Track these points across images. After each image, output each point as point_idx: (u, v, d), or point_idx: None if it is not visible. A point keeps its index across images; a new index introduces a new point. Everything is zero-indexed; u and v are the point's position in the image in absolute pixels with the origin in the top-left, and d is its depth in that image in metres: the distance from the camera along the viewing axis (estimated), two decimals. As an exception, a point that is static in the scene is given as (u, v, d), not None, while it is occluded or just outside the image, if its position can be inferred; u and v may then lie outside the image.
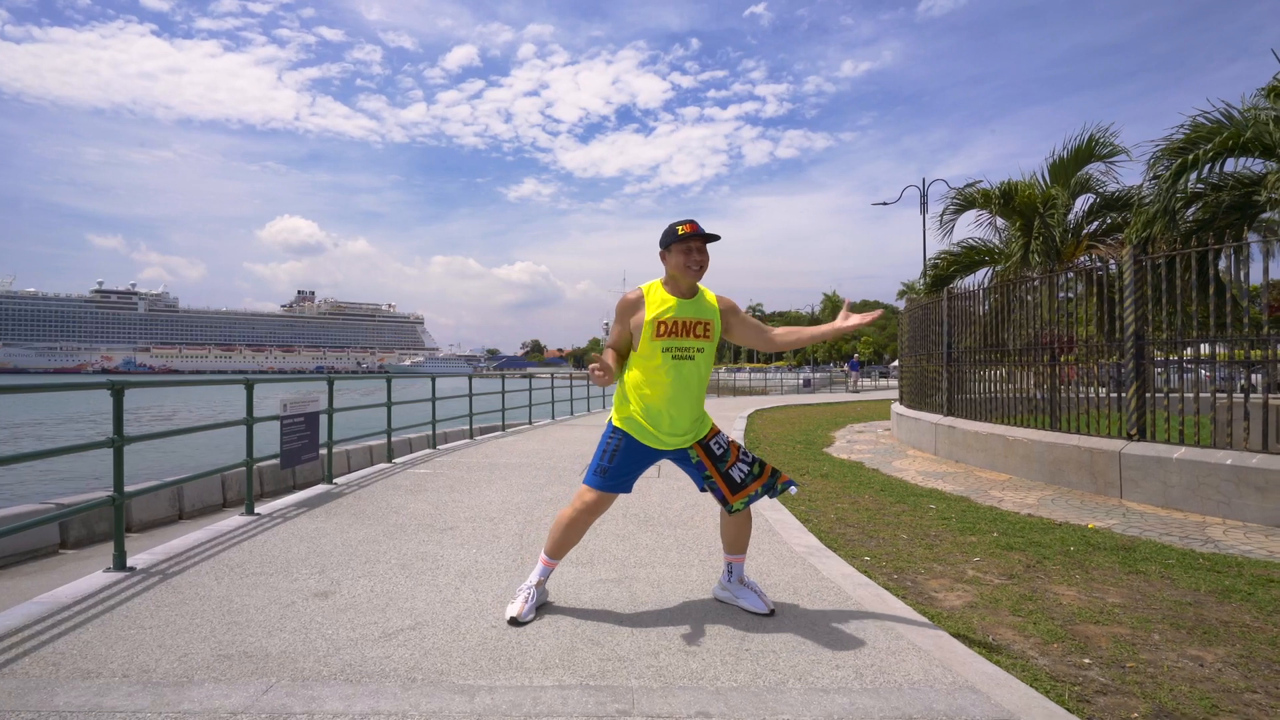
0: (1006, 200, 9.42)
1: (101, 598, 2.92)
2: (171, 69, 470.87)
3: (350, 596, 2.96)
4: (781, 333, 2.84)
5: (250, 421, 4.45)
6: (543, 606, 2.82)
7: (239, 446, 4.75)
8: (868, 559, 3.81)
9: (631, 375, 2.70)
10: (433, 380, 8.23)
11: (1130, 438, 5.67)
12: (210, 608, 2.82)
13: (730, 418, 13.68)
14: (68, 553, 6.52)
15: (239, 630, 2.59)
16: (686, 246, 2.63)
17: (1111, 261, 6.09)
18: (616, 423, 2.73)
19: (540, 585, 2.78)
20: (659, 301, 2.66)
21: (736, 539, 2.81)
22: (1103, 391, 6.32)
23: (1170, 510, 5.04)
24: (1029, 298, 7.10)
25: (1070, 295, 6.91)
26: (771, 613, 2.74)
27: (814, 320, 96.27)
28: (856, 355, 34.42)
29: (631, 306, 2.69)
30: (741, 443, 9.34)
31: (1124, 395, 5.84)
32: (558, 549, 2.77)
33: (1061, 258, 8.95)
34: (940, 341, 8.72)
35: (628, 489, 2.72)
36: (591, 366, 2.54)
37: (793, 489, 2.78)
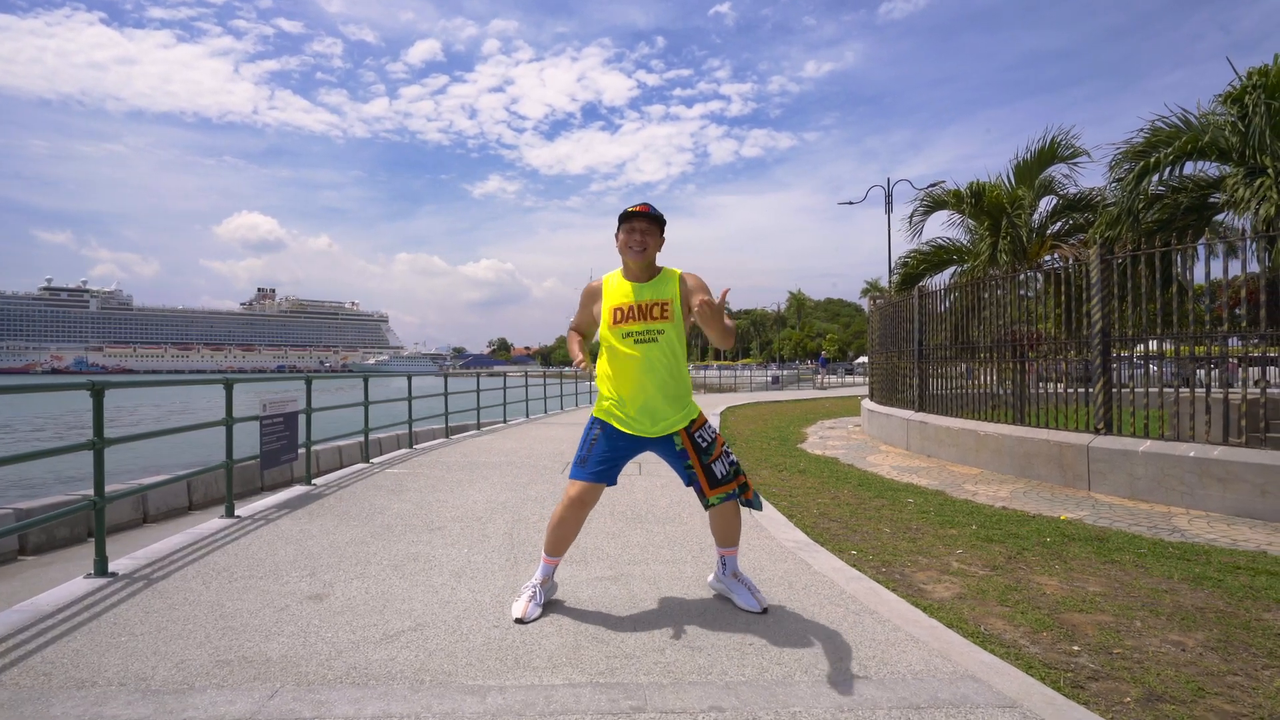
0: (977, 200, 9.69)
1: (86, 604, 2.82)
2: (122, 59, 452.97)
3: (345, 599, 2.91)
4: None
5: (230, 422, 4.32)
6: (549, 604, 2.81)
7: (208, 447, 4.63)
8: (855, 553, 3.89)
9: (601, 365, 2.75)
10: (409, 379, 8.11)
11: (1097, 432, 5.88)
12: (202, 613, 2.74)
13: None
14: (28, 559, 6.26)
15: (235, 635, 2.53)
16: (630, 226, 2.66)
17: (1074, 260, 6.31)
18: (595, 413, 2.77)
19: (545, 583, 2.78)
20: (615, 288, 2.73)
21: (725, 532, 2.83)
22: (1068, 388, 6.56)
23: (1137, 501, 5.26)
24: (996, 296, 7.32)
25: (1034, 294, 7.15)
26: (765, 611, 2.76)
27: (780, 318, 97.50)
28: (824, 352, 34.95)
29: (593, 295, 2.80)
30: None
31: (1091, 390, 6.06)
32: (554, 546, 2.77)
33: (1027, 257, 9.24)
34: (911, 338, 8.92)
35: (612, 480, 2.73)
36: (577, 363, 2.77)
37: (757, 510, 2.84)
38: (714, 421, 12.14)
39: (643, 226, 2.67)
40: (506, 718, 1.98)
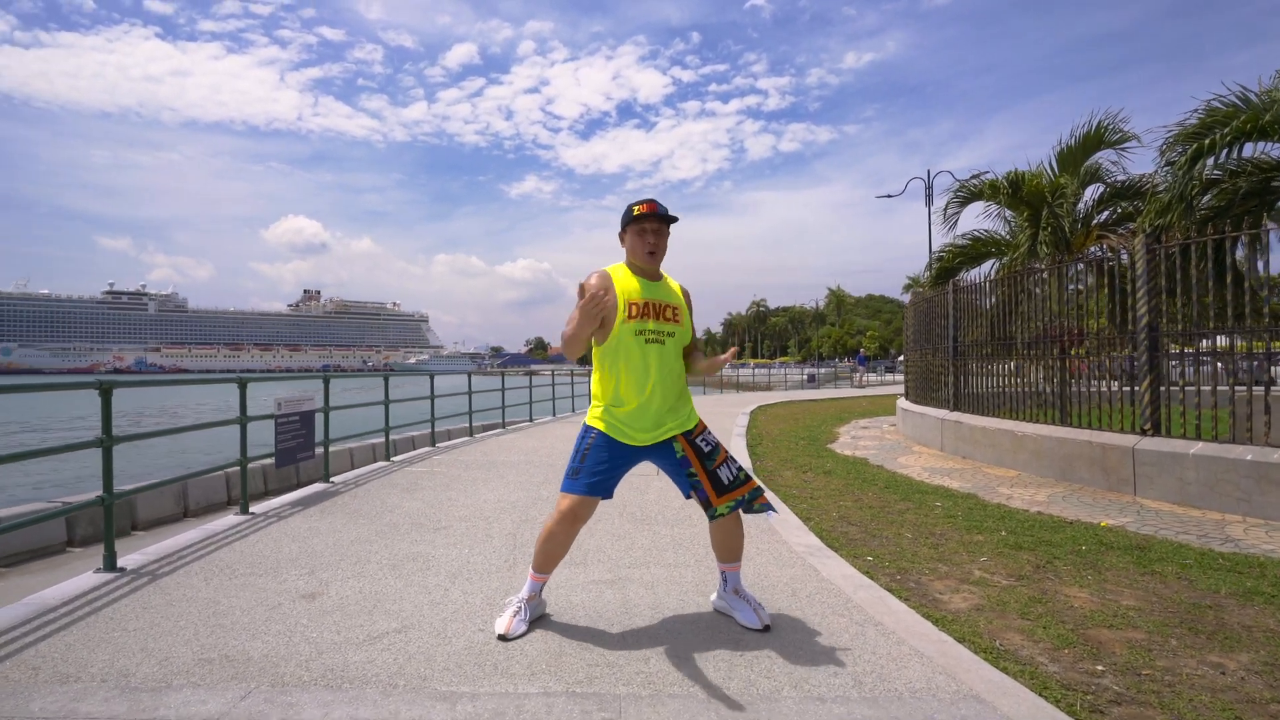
0: (1014, 190, 9.24)
1: (89, 599, 2.87)
2: (176, 71, 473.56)
3: (338, 598, 2.89)
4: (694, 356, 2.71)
5: (244, 420, 4.39)
6: (538, 620, 2.65)
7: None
8: (870, 559, 3.71)
9: (602, 366, 2.56)
10: (431, 377, 8.18)
11: (1144, 433, 5.52)
12: (196, 610, 2.75)
13: (732, 414, 13.57)
14: (75, 550, 6.51)
15: (223, 633, 2.53)
16: (641, 228, 2.52)
17: (1123, 251, 5.94)
18: (589, 421, 2.59)
19: (531, 600, 2.61)
20: (626, 282, 2.52)
21: (727, 547, 2.65)
22: (1114, 386, 6.18)
23: (1187, 508, 4.91)
24: (1037, 290, 6.95)
25: (1080, 287, 6.75)
26: (766, 629, 2.57)
27: (819, 315, 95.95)
28: (862, 350, 34.10)
29: (607, 280, 2.50)
30: (744, 438, 9.27)
31: (1137, 389, 5.70)
32: (543, 562, 2.60)
33: (1071, 249, 8.77)
34: (946, 335, 8.58)
35: (607, 493, 2.55)
36: (591, 294, 2.32)
37: (771, 515, 2.65)
38: (742, 420, 11.95)
39: (654, 227, 2.54)
40: (474, 727, 1.91)
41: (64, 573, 5.39)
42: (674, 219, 2.56)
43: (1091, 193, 9.36)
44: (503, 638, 2.49)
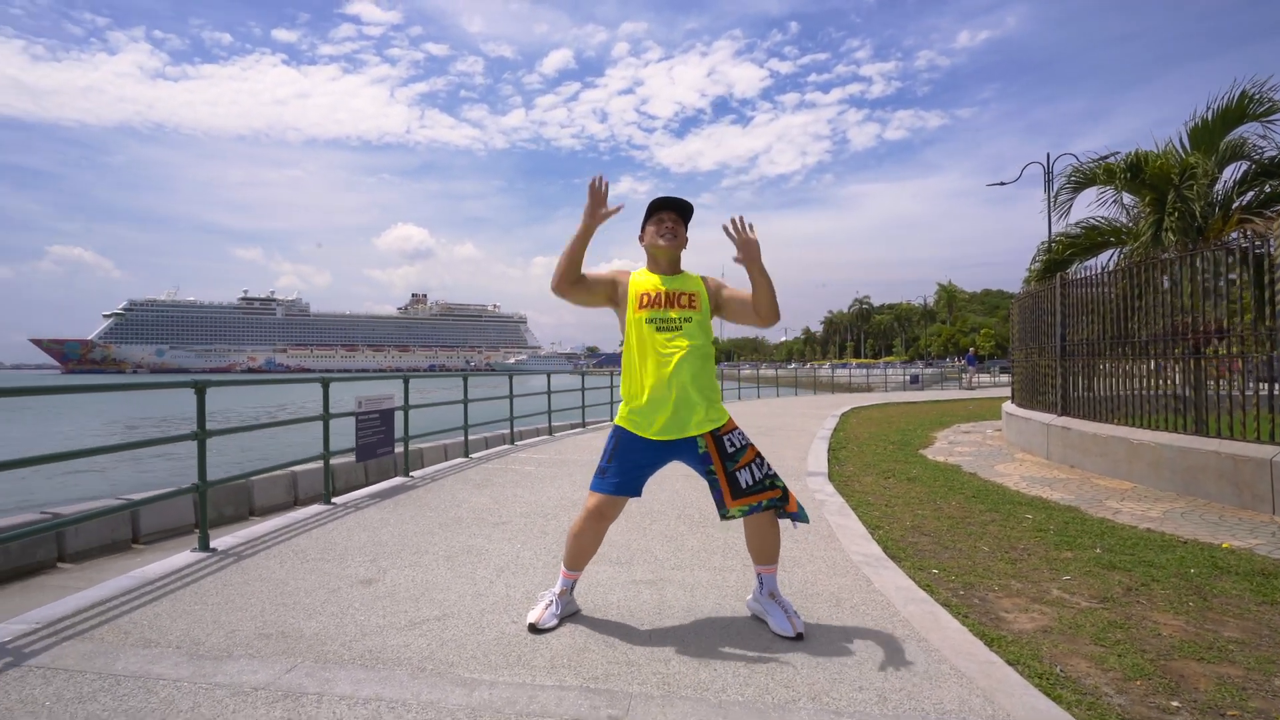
0: (1134, 173, 8.31)
1: (181, 575, 3.21)
2: (299, 94, 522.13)
3: (391, 585, 3.07)
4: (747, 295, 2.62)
5: (326, 417, 4.76)
6: (570, 615, 2.70)
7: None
8: (935, 572, 3.47)
9: (626, 362, 2.62)
10: (510, 378, 8.49)
11: (1283, 442, 4.83)
12: (266, 588, 3.02)
13: (821, 416, 13.12)
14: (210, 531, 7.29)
15: (284, 611, 2.75)
16: (658, 217, 2.64)
17: (1272, 239, 5.21)
18: (616, 421, 2.66)
19: (563, 595, 2.67)
20: (642, 279, 2.66)
21: (760, 548, 2.60)
22: (1252, 389, 5.43)
23: (1333, 529, 4.24)
24: (1164, 281, 6.23)
25: (1217, 278, 5.97)
26: (799, 637, 2.48)
27: (927, 313, 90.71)
28: (974, 349, 31.80)
29: (620, 276, 2.70)
30: (827, 440, 8.93)
31: (1277, 393, 4.99)
32: (573, 559, 2.66)
33: (1205, 235, 7.78)
34: (1053, 333, 7.88)
35: (635, 491, 2.58)
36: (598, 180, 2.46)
37: (796, 524, 2.59)
38: (830, 423, 11.53)
39: (672, 216, 2.65)
40: (485, 714, 1.97)
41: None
42: (690, 210, 2.67)
43: (1231, 172, 8.26)
44: (533, 626, 2.56)
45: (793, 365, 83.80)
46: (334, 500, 4.81)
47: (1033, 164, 20.82)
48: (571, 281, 2.54)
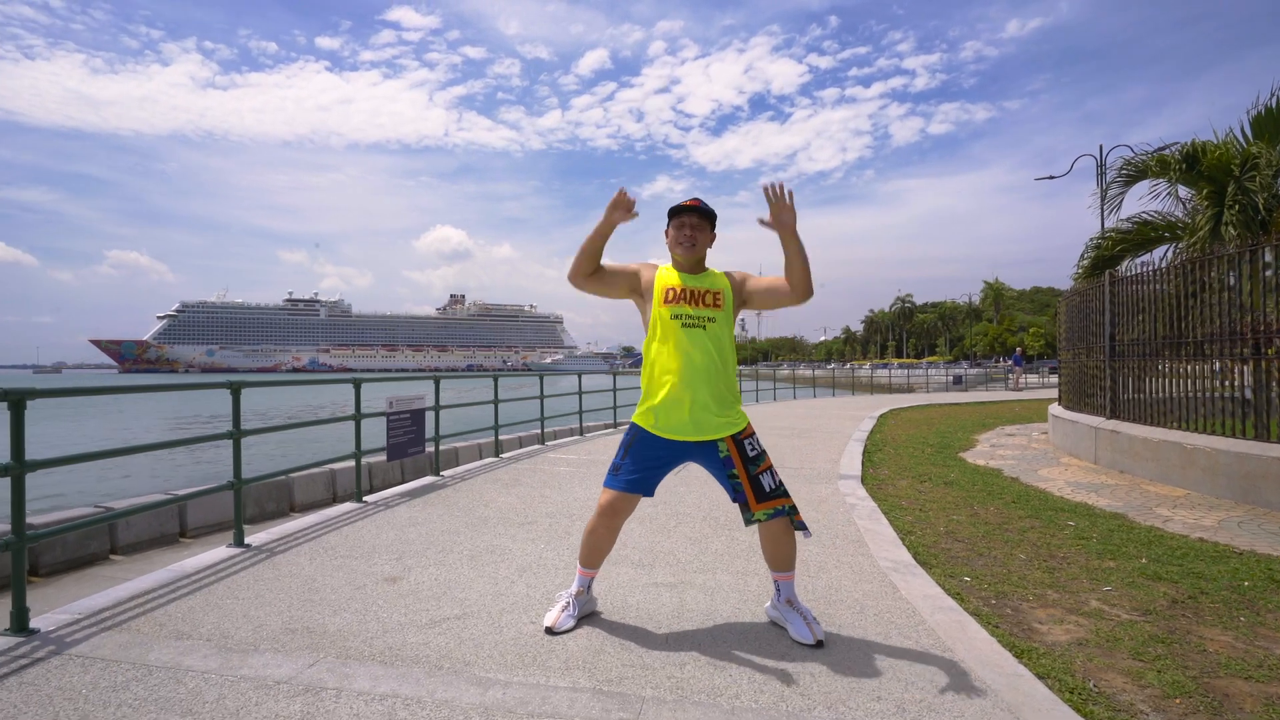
0: (1190, 165, 7.91)
1: (216, 570, 3.32)
2: (342, 100, 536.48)
3: (414, 583, 3.12)
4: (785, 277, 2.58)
5: (358, 417, 4.87)
6: (588, 616, 2.71)
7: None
8: (967, 580, 3.36)
9: (647, 359, 2.61)
10: (541, 378, 8.56)
11: (1351, 448, 4.53)
12: (295, 584, 3.10)
13: (858, 417, 12.86)
14: (247, 527, 7.54)
15: (311, 607, 2.82)
16: (680, 221, 2.62)
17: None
18: (633, 418, 2.65)
19: (580, 595, 2.67)
20: (667, 275, 2.65)
21: (776, 555, 2.56)
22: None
23: (1407, 541, 3.96)
24: (1231, 276, 5.90)
25: None
26: (819, 644, 2.43)
27: (973, 311, 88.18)
28: (1020, 349, 30.70)
29: (646, 269, 2.70)
30: (862, 443, 8.75)
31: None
32: (587, 557, 2.67)
33: (1269, 229, 7.35)
34: (1101, 333, 7.56)
35: (648, 491, 2.57)
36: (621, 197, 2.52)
37: (803, 534, 2.55)
38: (867, 425, 11.30)
39: (693, 221, 2.61)
40: (497, 713, 1.98)
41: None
42: (713, 215, 2.65)
43: (1297, 161, 7.79)
44: (549, 631, 2.56)
45: (831, 365, 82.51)
46: (366, 499, 4.91)
47: (1084, 156, 20.08)
48: (586, 274, 2.58)
